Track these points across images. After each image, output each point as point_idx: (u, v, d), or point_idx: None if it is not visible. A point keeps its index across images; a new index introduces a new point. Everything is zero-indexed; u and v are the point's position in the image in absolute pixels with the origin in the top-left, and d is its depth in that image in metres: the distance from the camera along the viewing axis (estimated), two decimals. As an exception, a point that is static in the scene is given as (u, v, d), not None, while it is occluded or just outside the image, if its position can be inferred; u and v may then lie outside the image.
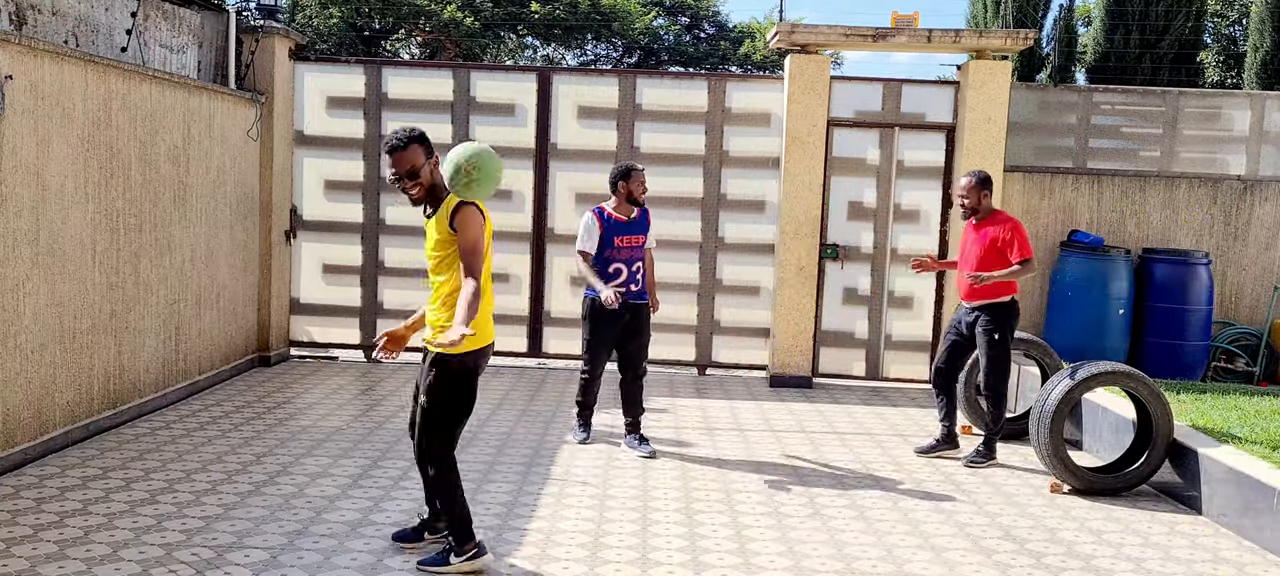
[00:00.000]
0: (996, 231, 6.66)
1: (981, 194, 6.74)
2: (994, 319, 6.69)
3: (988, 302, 6.71)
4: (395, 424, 7.31)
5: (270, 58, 9.26)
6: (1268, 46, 14.61)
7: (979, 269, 6.67)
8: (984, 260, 6.68)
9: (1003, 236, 6.64)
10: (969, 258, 6.77)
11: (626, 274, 6.70)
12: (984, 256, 6.68)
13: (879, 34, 9.12)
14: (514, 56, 25.72)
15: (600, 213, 6.72)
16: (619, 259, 6.67)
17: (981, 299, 6.71)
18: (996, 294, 6.69)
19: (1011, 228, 6.66)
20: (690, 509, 5.64)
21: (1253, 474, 5.45)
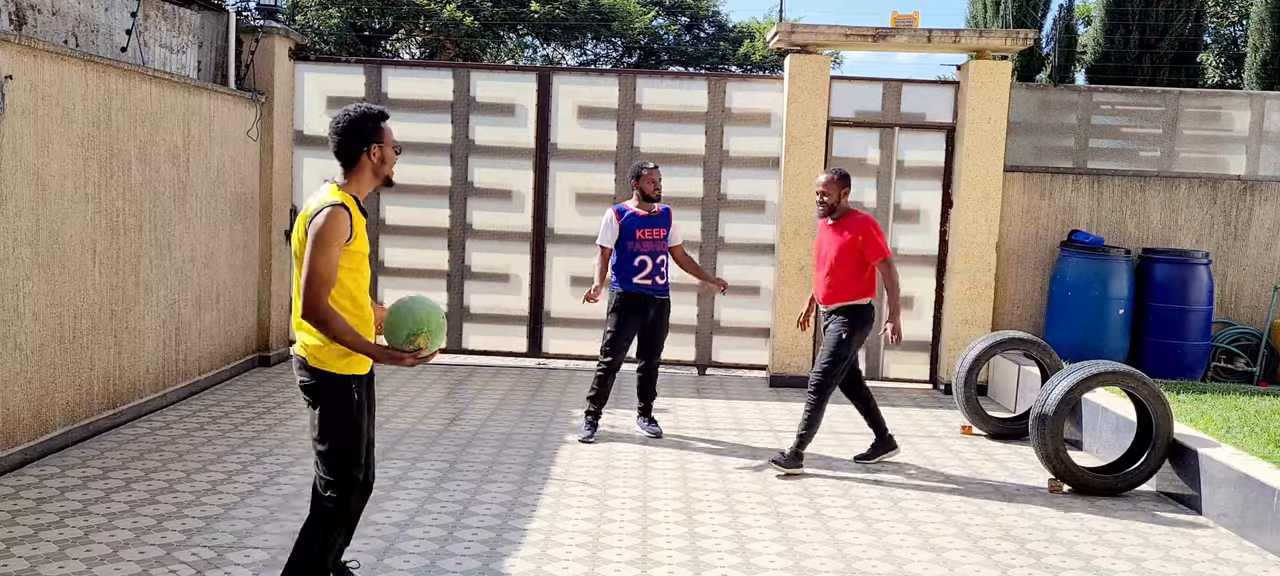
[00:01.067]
0: (852, 234, 6.39)
1: (841, 191, 6.46)
2: (849, 319, 6.40)
3: (846, 304, 6.44)
4: (395, 424, 7.31)
5: (270, 58, 9.26)
6: (1268, 46, 14.60)
7: (836, 268, 6.41)
8: (839, 262, 6.41)
9: (857, 239, 6.37)
10: (824, 259, 6.51)
11: (651, 266, 7.01)
12: (840, 258, 6.41)
13: (879, 34, 9.12)
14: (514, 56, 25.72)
15: (620, 210, 7.10)
16: (643, 251, 6.99)
17: (839, 301, 6.43)
18: (855, 295, 6.42)
19: (865, 228, 6.39)
20: (690, 509, 5.65)
21: (1253, 474, 5.46)
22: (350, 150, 3.79)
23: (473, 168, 9.68)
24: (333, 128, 3.81)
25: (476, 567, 4.65)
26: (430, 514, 5.37)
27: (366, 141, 3.79)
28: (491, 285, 9.78)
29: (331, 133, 3.81)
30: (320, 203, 3.70)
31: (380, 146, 3.83)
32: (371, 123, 3.81)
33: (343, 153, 3.80)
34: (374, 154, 3.82)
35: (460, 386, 8.79)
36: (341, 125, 3.79)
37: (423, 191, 9.68)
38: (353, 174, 3.82)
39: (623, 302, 7.01)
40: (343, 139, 3.78)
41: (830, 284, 6.46)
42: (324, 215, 3.63)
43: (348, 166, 3.82)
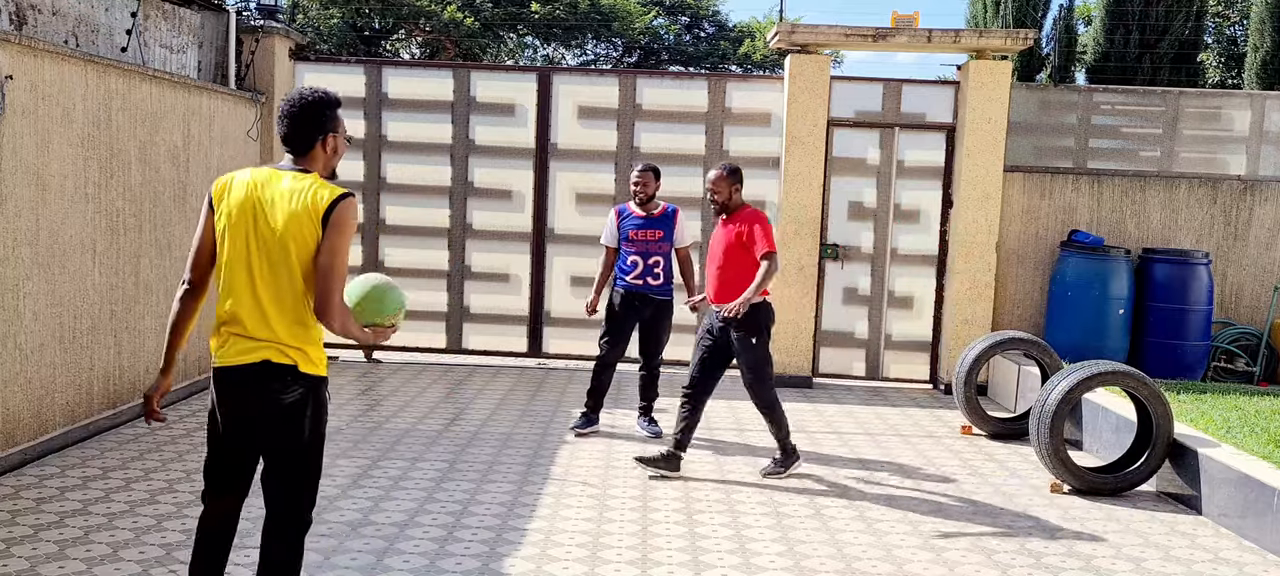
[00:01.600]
0: (741, 227, 6.18)
1: (733, 188, 6.23)
2: (746, 325, 6.14)
3: None
4: (395, 424, 7.31)
5: (270, 58, 9.26)
6: (1268, 46, 14.60)
7: (724, 266, 6.21)
8: (729, 256, 6.19)
9: (745, 232, 6.15)
10: (715, 256, 6.30)
11: (641, 266, 7.03)
12: (728, 253, 6.19)
13: (879, 34, 9.12)
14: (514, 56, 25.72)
15: (621, 210, 7.21)
16: (634, 252, 7.04)
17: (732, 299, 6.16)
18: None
19: (752, 221, 6.17)
20: (690, 509, 5.65)
21: (1253, 474, 5.46)
22: (306, 136, 3.41)
23: (473, 168, 9.68)
24: (286, 111, 3.40)
25: (476, 567, 4.65)
26: (430, 514, 5.37)
27: (324, 128, 3.43)
28: (491, 285, 9.78)
29: (284, 116, 3.40)
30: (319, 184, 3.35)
31: (335, 136, 3.48)
32: (330, 108, 3.46)
33: (297, 138, 3.41)
34: (329, 143, 3.46)
35: (460, 386, 8.79)
36: (297, 108, 3.40)
37: (423, 191, 9.68)
38: (304, 163, 3.43)
39: (613, 300, 7.14)
40: (299, 124, 3.40)
41: (721, 282, 6.22)
42: (347, 205, 3.33)
43: (299, 153, 3.42)
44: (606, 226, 7.23)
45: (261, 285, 3.30)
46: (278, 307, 3.29)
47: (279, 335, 3.30)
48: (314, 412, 3.39)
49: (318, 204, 3.30)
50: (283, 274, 3.29)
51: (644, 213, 7.08)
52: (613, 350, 7.14)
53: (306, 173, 3.39)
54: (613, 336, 7.13)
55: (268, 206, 3.31)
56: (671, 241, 7.11)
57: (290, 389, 3.31)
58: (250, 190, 3.35)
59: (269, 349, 3.29)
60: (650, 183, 7.08)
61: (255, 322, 3.30)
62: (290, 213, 3.29)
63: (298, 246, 3.28)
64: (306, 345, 3.35)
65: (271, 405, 3.32)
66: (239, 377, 3.32)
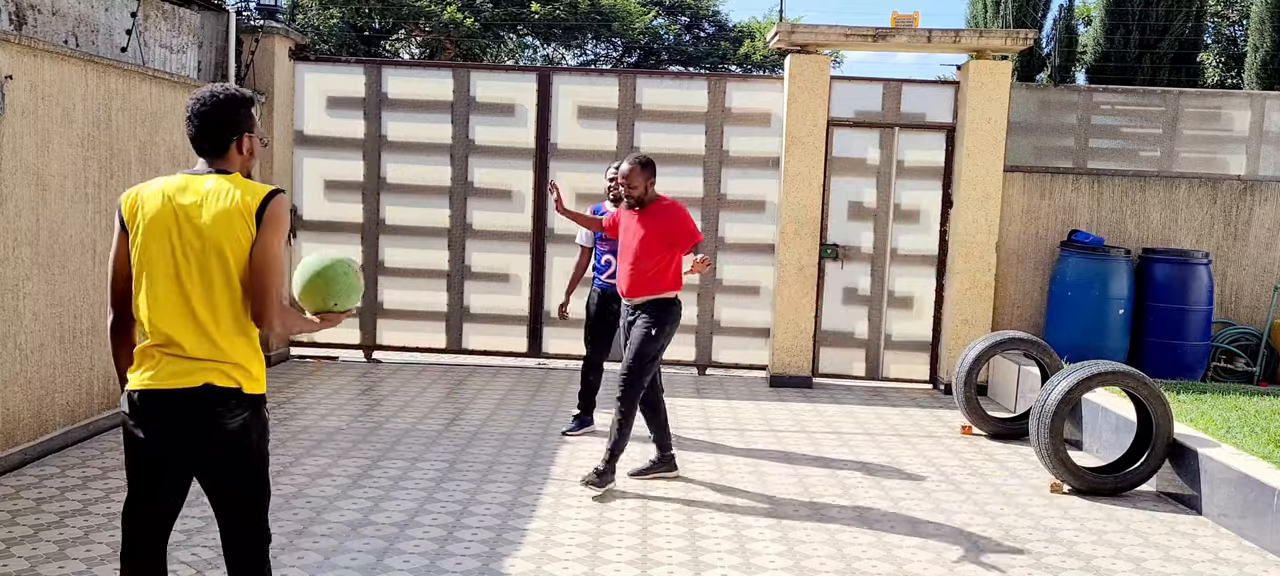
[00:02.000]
0: (660, 223, 5.96)
1: (648, 181, 6.04)
2: (656, 316, 5.93)
3: (652, 298, 5.97)
4: (395, 424, 7.31)
5: (270, 58, 9.26)
6: (1268, 46, 14.60)
7: (640, 259, 5.94)
8: (645, 253, 5.94)
9: (666, 228, 5.94)
10: (628, 249, 6.03)
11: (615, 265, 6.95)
12: (645, 249, 5.94)
13: (879, 34, 9.12)
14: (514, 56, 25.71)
15: (597, 210, 7.16)
16: (608, 250, 7.03)
17: (645, 294, 5.97)
18: (663, 289, 5.96)
19: (674, 216, 5.97)
20: (690, 509, 5.64)
21: (1253, 474, 5.46)
22: (219, 136, 3.14)
23: (473, 168, 9.68)
24: (195, 109, 3.14)
25: (476, 567, 4.65)
26: (430, 514, 5.37)
27: (239, 127, 3.17)
28: (491, 285, 9.78)
29: (194, 115, 3.13)
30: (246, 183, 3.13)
31: (250, 136, 3.21)
32: (244, 106, 3.19)
33: (209, 138, 3.13)
34: (245, 143, 3.19)
35: (460, 386, 8.79)
36: (207, 106, 3.13)
37: (423, 191, 9.68)
38: (223, 164, 3.16)
39: (591, 300, 7.17)
40: (211, 123, 3.13)
41: (635, 277, 5.98)
42: (281, 200, 3.12)
43: (215, 154, 3.15)
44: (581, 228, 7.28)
45: (196, 299, 3.02)
46: (218, 321, 3.03)
47: (223, 352, 3.03)
48: (259, 433, 3.16)
49: (249, 201, 3.06)
50: (218, 282, 3.03)
51: None
52: (596, 350, 7.15)
53: (225, 174, 3.14)
54: (594, 336, 7.14)
55: (190, 212, 3.04)
56: None
57: (234, 414, 3.05)
58: (166, 199, 3.06)
59: (211, 370, 3.02)
60: (636, 177, 7.02)
61: (194, 341, 3.01)
62: (219, 212, 3.03)
63: (232, 248, 3.03)
64: (249, 362, 3.09)
65: (214, 433, 3.04)
66: (175, 403, 3.01)
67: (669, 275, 5.98)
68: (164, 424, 3.04)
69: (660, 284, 5.98)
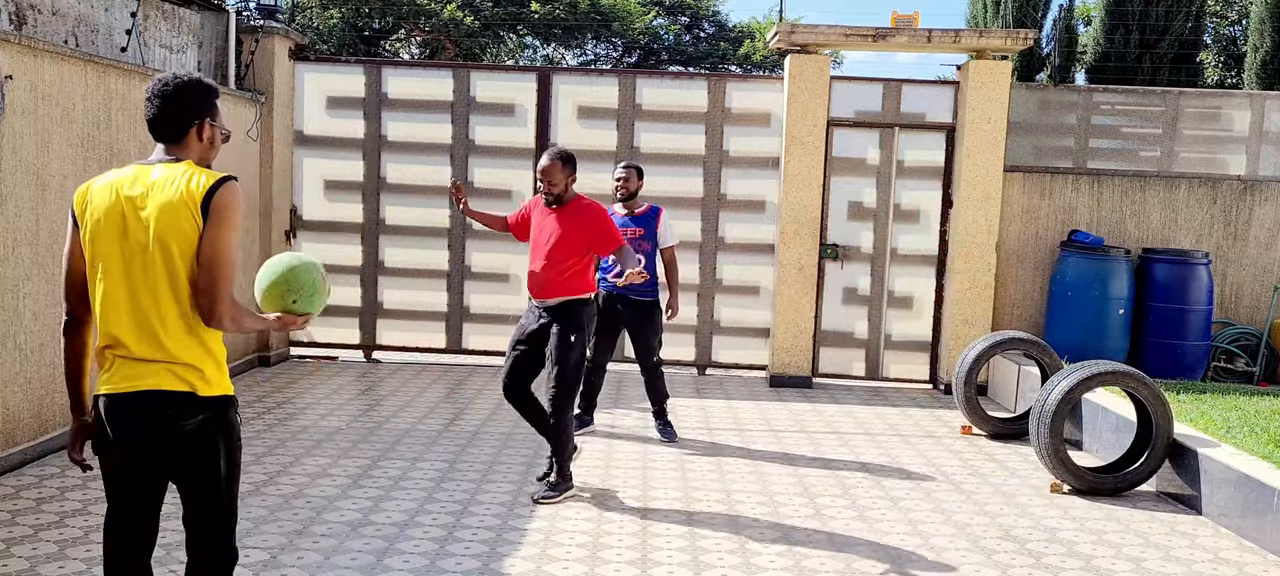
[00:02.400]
0: (580, 221, 5.71)
1: (568, 177, 5.78)
2: (569, 320, 5.67)
3: (565, 300, 5.72)
4: (395, 424, 7.31)
5: (270, 58, 9.26)
6: (1268, 46, 14.60)
7: (555, 259, 5.69)
8: (562, 251, 5.69)
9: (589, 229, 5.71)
10: (541, 247, 5.75)
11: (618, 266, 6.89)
12: (561, 247, 5.69)
13: (879, 34, 9.12)
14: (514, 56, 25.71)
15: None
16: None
17: (559, 296, 5.72)
18: (577, 291, 5.72)
19: (596, 218, 5.74)
20: (690, 509, 5.64)
21: (1253, 474, 5.46)
22: (179, 121, 3.00)
23: (473, 168, 9.68)
24: (156, 92, 3.00)
25: (476, 567, 4.65)
26: (430, 514, 5.37)
27: (200, 113, 3.03)
28: (491, 285, 9.78)
29: (154, 97, 2.99)
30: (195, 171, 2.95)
31: (212, 124, 3.08)
32: (207, 92, 3.06)
33: (167, 124, 3.00)
34: (205, 131, 3.06)
35: (460, 386, 8.79)
36: (169, 88, 2.99)
37: (423, 191, 9.68)
38: (180, 153, 3.03)
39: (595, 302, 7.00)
40: (170, 107, 2.99)
41: (549, 278, 5.72)
42: (233, 187, 2.95)
43: (172, 140, 3.02)
44: None
45: (144, 297, 2.88)
46: (165, 321, 2.89)
47: (172, 353, 2.89)
48: (225, 439, 3.01)
49: (195, 190, 2.89)
50: (165, 280, 2.88)
51: (625, 211, 7.09)
52: (598, 352, 7.12)
53: (178, 161, 2.99)
54: (596, 338, 7.09)
55: (138, 205, 2.89)
56: (653, 241, 7.07)
57: (187, 418, 2.91)
58: (116, 192, 2.93)
59: (160, 372, 2.89)
60: (633, 180, 7.08)
61: (141, 342, 2.88)
62: (164, 204, 2.87)
63: (178, 243, 2.87)
64: (202, 362, 2.93)
65: (170, 438, 2.93)
66: (128, 407, 2.91)
67: (585, 277, 5.77)
68: (123, 429, 2.93)
69: (575, 285, 5.72)
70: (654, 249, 7.08)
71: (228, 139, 3.18)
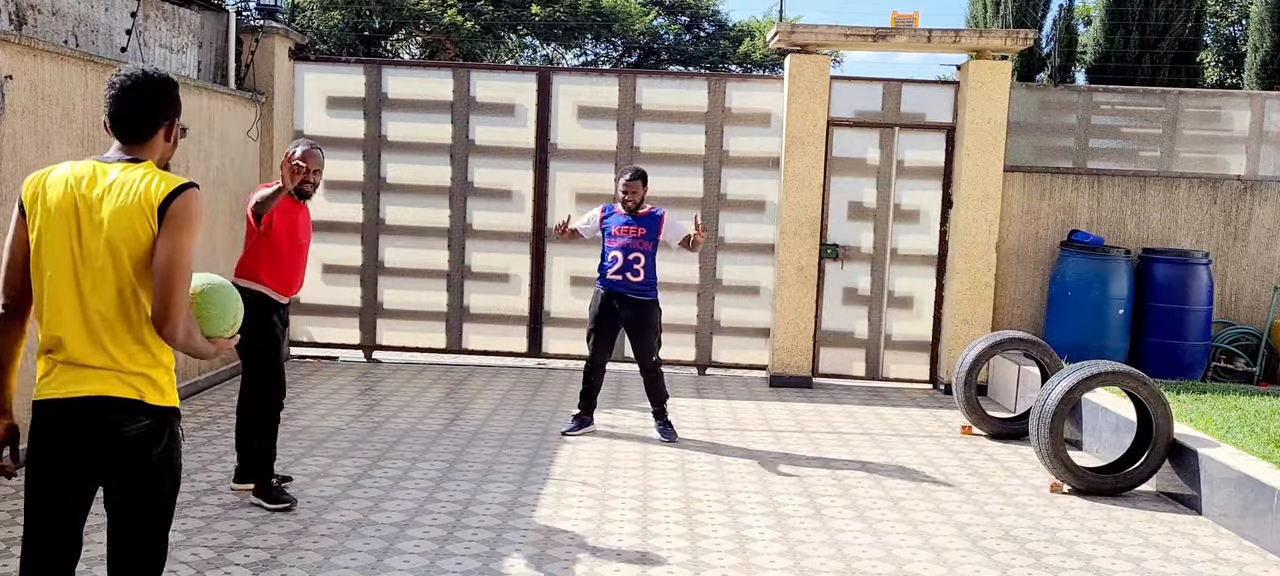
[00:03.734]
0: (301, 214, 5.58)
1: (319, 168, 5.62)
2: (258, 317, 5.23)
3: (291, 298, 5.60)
4: (395, 424, 7.31)
5: (270, 58, 9.25)
6: (1268, 46, 14.60)
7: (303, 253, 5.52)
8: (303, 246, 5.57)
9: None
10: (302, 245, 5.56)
11: (621, 261, 7.04)
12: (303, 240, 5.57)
13: (879, 34, 9.12)
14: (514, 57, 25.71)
15: (607, 208, 7.29)
16: (614, 247, 7.06)
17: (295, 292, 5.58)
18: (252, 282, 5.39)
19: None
20: (690, 509, 5.64)
21: (1253, 474, 5.45)
22: (149, 119, 2.85)
23: (473, 168, 9.68)
24: (126, 87, 2.83)
25: (476, 567, 4.65)
26: (430, 514, 5.37)
27: (170, 112, 2.90)
28: (491, 285, 9.78)
29: (123, 93, 2.83)
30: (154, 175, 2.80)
31: (178, 122, 2.96)
32: (176, 89, 2.92)
33: (138, 122, 2.84)
34: (173, 130, 2.93)
35: (460, 386, 8.79)
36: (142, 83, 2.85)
37: (423, 191, 9.68)
38: (144, 153, 2.87)
39: (593, 300, 7.19)
40: (143, 104, 2.84)
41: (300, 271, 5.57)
42: (193, 195, 2.79)
43: (137, 140, 2.86)
44: (588, 214, 7.31)
45: (91, 300, 2.75)
46: (112, 327, 2.75)
47: (119, 361, 2.75)
48: (168, 450, 2.86)
49: (152, 195, 2.74)
50: (113, 285, 2.74)
51: (628, 212, 7.13)
52: (597, 351, 7.15)
53: (138, 162, 2.83)
54: (597, 337, 7.14)
55: (92, 205, 2.76)
56: (654, 241, 7.09)
57: (132, 423, 2.77)
58: (69, 188, 2.78)
59: (106, 378, 2.76)
60: (639, 191, 7.08)
61: (85, 346, 2.75)
62: (118, 208, 2.73)
63: (130, 249, 2.74)
64: (152, 370, 2.80)
65: (113, 445, 2.78)
66: (69, 412, 2.77)
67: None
68: (61, 437, 2.81)
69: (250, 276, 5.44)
70: (654, 249, 7.09)
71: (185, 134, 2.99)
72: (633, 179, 7.09)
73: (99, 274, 2.75)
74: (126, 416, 2.77)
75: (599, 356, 7.16)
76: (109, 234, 2.74)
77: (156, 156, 2.90)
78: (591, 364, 7.17)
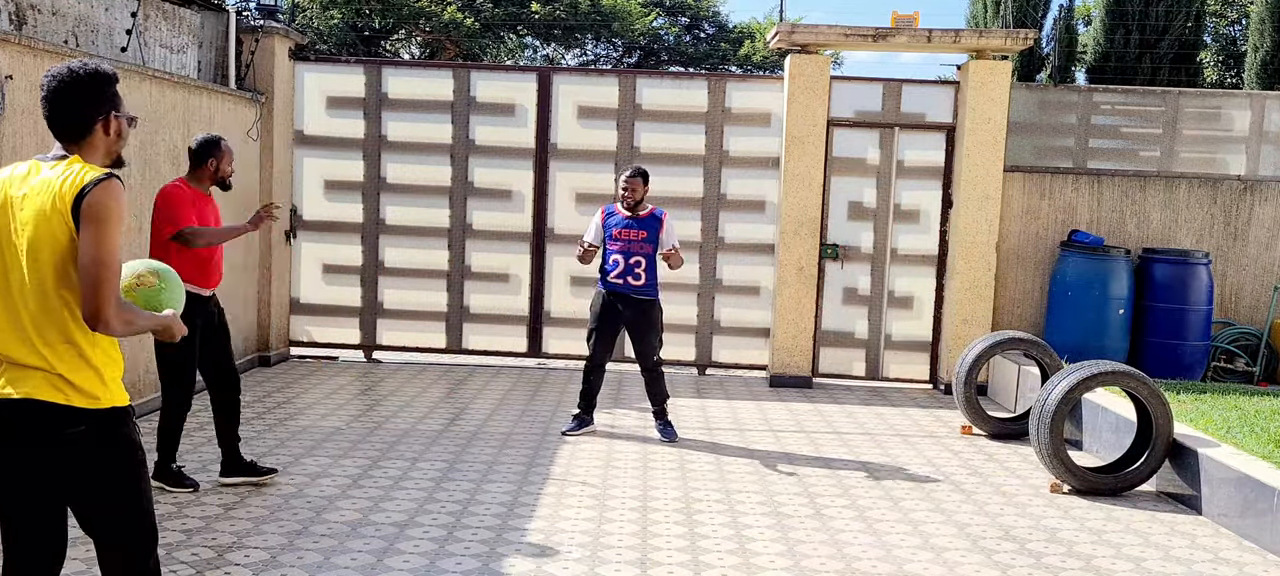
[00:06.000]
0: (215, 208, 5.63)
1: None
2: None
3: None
4: (395, 424, 7.31)
5: (270, 58, 9.25)
6: (1268, 46, 14.60)
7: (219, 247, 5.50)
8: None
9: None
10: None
11: (623, 265, 7.04)
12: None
13: (879, 34, 9.12)
14: (514, 56, 25.70)
15: (608, 210, 7.23)
16: (615, 250, 7.06)
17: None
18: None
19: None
20: (690, 509, 5.64)
21: (1253, 474, 5.45)
22: (81, 116, 2.83)
23: (473, 168, 9.68)
24: (53, 87, 2.81)
25: (476, 567, 4.65)
26: (430, 514, 5.37)
27: (103, 106, 2.86)
28: (491, 285, 9.78)
29: (51, 94, 2.81)
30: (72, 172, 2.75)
31: (118, 115, 2.90)
32: (108, 83, 2.87)
33: (68, 119, 2.82)
34: (112, 125, 2.89)
35: (460, 386, 8.79)
36: (67, 81, 2.81)
37: (423, 191, 9.68)
38: (82, 149, 2.85)
39: (595, 301, 7.18)
40: (70, 101, 2.81)
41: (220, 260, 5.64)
42: (107, 187, 2.73)
43: (74, 138, 2.84)
44: (591, 224, 7.26)
45: (18, 301, 2.73)
46: (39, 328, 2.73)
47: (49, 362, 2.73)
48: (117, 454, 2.80)
49: (65, 193, 2.70)
50: (35, 287, 2.71)
51: (629, 213, 7.10)
52: (598, 351, 7.15)
53: (64, 159, 2.80)
54: (597, 337, 7.14)
55: (17, 208, 2.75)
56: (655, 243, 7.08)
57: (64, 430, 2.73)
58: (4, 190, 2.78)
59: (36, 380, 2.73)
60: (638, 188, 7.06)
61: (16, 347, 2.73)
62: (38, 209, 2.71)
63: (49, 249, 2.71)
64: (77, 373, 2.75)
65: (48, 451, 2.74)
66: (6, 414, 2.74)
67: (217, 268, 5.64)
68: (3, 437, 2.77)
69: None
70: (655, 250, 7.09)
71: (134, 123, 3.00)
72: (633, 176, 7.08)
73: (24, 274, 2.73)
74: (60, 420, 2.73)
75: (599, 356, 7.17)
76: (30, 236, 2.72)
77: (100, 152, 2.87)
78: (592, 363, 7.17)
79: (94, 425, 2.76)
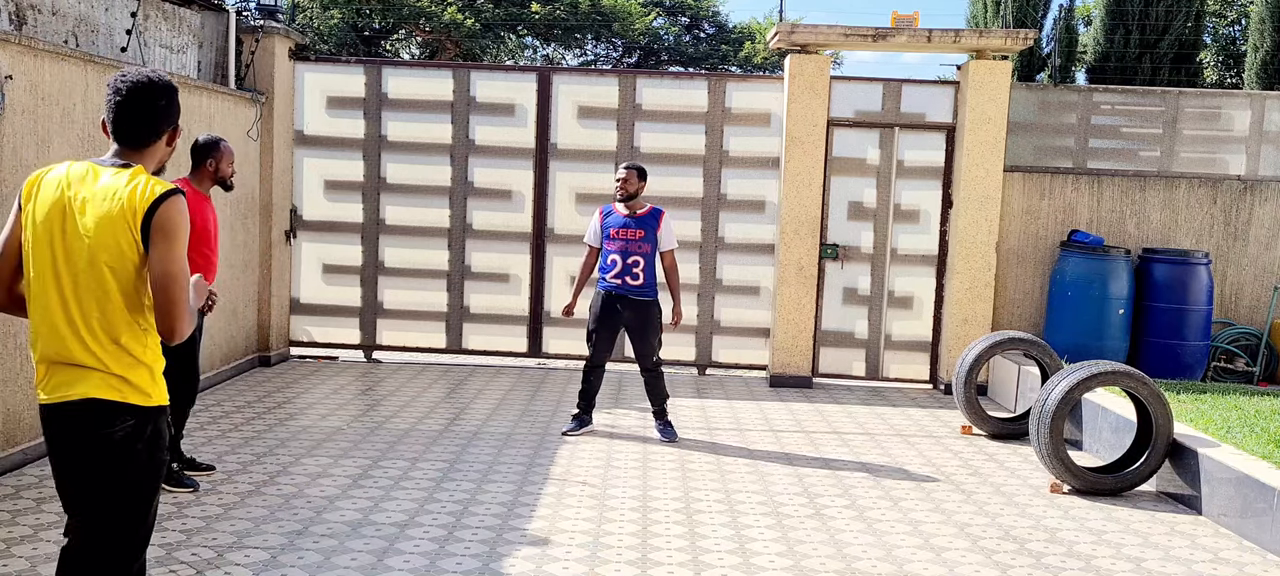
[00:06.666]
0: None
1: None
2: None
3: None
4: (395, 424, 7.31)
5: (270, 58, 9.26)
6: (1268, 46, 14.60)
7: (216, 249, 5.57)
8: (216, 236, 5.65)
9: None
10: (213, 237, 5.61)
11: (620, 265, 7.03)
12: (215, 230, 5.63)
13: (879, 34, 9.12)
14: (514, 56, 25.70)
15: (606, 210, 7.21)
16: (613, 250, 7.05)
17: None
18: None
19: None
20: (690, 509, 5.65)
21: (1253, 474, 5.46)
22: (152, 125, 2.89)
23: (473, 168, 9.68)
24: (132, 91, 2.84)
25: (476, 567, 4.65)
26: (430, 514, 5.37)
27: (173, 117, 2.93)
28: (491, 285, 9.78)
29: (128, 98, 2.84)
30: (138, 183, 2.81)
31: (179, 127, 2.99)
32: (177, 97, 2.94)
33: (140, 126, 2.87)
34: (176, 137, 2.97)
35: (460, 386, 8.79)
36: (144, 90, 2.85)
37: (423, 191, 9.68)
38: (142, 157, 2.91)
39: (594, 301, 7.18)
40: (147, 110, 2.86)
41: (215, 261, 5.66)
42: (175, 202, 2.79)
43: (138, 145, 2.90)
44: (590, 226, 7.26)
45: (73, 305, 2.79)
46: (95, 331, 2.80)
47: (104, 363, 2.80)
48: (149, 443, 2.87)
49: (136, 205, 2.76)
50: (95, 290, 2.78)
51: (627, 211, 7.08)
52: (598, 351, 7.15)
53: (127, 167, 2.85)
54: (597, 337, 7.13)
55: (78, 210, 2.78)
56: (653, 242, 7.06)
57: (117, 425, 2.81)
58: (61, 190, 2.82)
59: (95, 381, 2.80)
60: (632, 181, 7.05)
61: (75, 348, 2.80)
62: (103, 216, 2.76)
63: (110, 257, 2.77)
64: (132, 371, 2.83)
65: (100, 444, 2.81)
66: (63, 417, 2.82)
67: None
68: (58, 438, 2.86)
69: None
70: (654, 250, 7.08)
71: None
72: (628, 169, 7.09)
73: (79, 278, 2.79)
74: (113, 418, 2.81)
75: (599, 356, 7.17)
76: (92, 243, 2.77)
77: (155, 161, 2.94)
78: (591, 364, 7.17)
79: (141, 420, 2.84)
